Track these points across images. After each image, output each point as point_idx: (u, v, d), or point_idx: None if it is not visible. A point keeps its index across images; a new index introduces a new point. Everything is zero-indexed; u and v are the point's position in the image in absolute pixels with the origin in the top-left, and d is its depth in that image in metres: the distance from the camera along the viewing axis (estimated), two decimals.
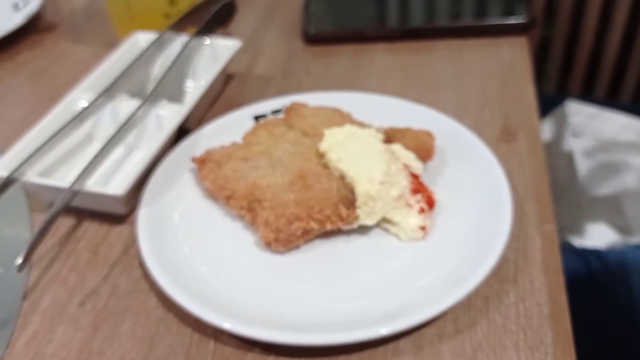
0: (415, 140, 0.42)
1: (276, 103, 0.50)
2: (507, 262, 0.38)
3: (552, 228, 0.40)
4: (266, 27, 0.66)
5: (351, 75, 0.57)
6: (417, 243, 0.39)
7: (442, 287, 0.35)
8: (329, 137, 0.41)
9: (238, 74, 0.58)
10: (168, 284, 0.36)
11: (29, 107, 0.57)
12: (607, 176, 0.74)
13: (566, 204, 0.72)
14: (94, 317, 0.38)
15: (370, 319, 0.34)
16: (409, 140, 0.42)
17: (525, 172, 0.44)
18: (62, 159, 0.46)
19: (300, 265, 0.38)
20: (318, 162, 0.41)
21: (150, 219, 0.41)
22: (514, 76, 0.54)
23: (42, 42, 0.67)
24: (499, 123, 0.49)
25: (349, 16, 0.65)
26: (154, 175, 0.44)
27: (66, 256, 0.42)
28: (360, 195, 0.38)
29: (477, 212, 0.39)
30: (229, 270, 0.38)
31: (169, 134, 0.45)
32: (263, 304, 0.36)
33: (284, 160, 0.41)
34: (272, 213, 0.38)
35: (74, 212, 0.44)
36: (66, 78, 0.60)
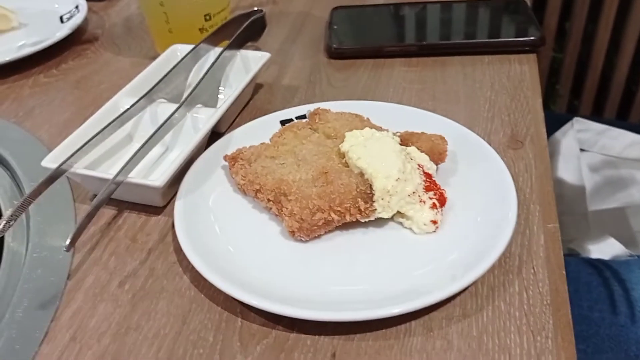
0: (429, 143, 0.46)
1: (301, 109, 0.54)
2: (512, 255, 0.41)
3: (555, 227, 0.43)
4: (293, 42, 0.71)
5: (370, 87, 0.61)
6: (429, 235, 0.42)
7: (451, 274, 0.38)
8: (350, 139, 0.45)
9: (266, 84, 0.63)
10: (201, 265, 0.40)
11: (73, 110, 0.61)
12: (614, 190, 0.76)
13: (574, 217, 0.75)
14: (132, 295, 0.41)
15: (384, 299, 0.37)
16: (423, 143, 0.46)
17: (531, 175, 0.48)
18: (104, 156, 0.51)
19: (321, 252, 0.42)
20: (339, 160, 0.45)
21: (186, 209, 0.45)
22: (522, 90, 0.58)
23: (86, 52, 0.72)
24: (507, 131, 0.53)
25: (369, 33, 0.69)
26: (189, 172, 0.48)
27: (107, 242, 0.46)
28: (378, 190, 0.41)
29: (485, 209, 0.43)
30: (257, 255, 0.42)
31: (204, 134, 0.49)
32: (287, 284, 0.39)
33: (308, 158, 0.45)
34: (296, 205, 0.42)
35: (114, 203, 0.48)
36: (107, 85, 0.65)
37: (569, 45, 1.30)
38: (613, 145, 0.82)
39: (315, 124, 0.49)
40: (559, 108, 1.33)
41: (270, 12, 0.75)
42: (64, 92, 0.65)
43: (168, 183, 0.45)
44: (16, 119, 0.61)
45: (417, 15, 0.73)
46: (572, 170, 0.81)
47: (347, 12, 0.73)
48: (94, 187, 0.49)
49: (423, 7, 0.74)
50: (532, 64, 0.62)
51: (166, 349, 0.38)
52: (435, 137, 0.46)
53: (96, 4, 0.83)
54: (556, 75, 1.37)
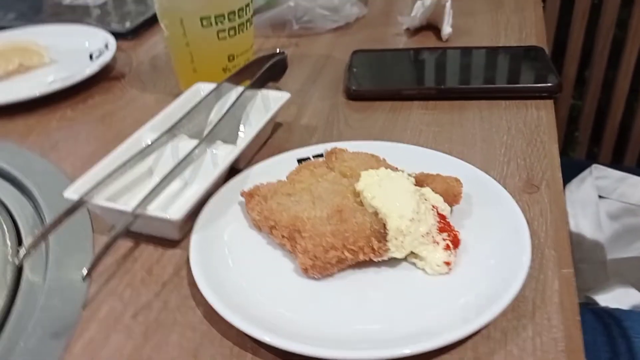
0: (444, 185, 0.46)
1: (318, 148, 0.55)
2: (526, 300, 0.41)
3: (570, 272, 0.43)
4: (312, 83, 0.72)
5: (387, 129, 0.62)
6: (442, 277, 0.42)
7: (463, 316, 0.38)
8: (365, 178, 0.46)
9: (285, 123, 0.64)
10: (214, 299, 0.40)
11: (98, 144, 0.63)
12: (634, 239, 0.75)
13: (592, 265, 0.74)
14: (145, 328, 0.42)
15: (396, 339, 0.37)
16: (438, 184, 0.46)
17: (546, 220, 0.48)
18: (125, 188, 0.52)
19: (334, 290, 0.42)
20: (354, 199, 0.45)
21: (202, 244, 0.45)
22: (539, 135, 0.58)
23: (112, 88, 0.74)
24: (523, 175, 0.53)
25: (388, 76, 0.71)
26: (206, 207, 0.49)
27: (123, 274, 0.46)
28: (392, 229, 0.42)
29: (499, 252, 0.43)
30: (270, 291, 0.42)
31: (222, 170, 0.50)
32: (299, 321, 0.39)
33: (324, 197, 0.46)
34: (310, 242, 0.42)
35: (132, 235, 0.49)
36: (132, 120, 0.66)
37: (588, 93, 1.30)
38: (632, 193, 0.82)
39: (332, 163, 0.50)
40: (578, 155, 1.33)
41: (292, 54, 0.77)
42: (89, 127, 0.67)
43: (185, 217, 0.46)
44: (42, 151, 0.62)
45: (437, 60, 0.74)
46: (590, 218, 0.80)
47: (367, 55, 0.75)
48: (113, 218, 0.50)
49: (443, 52, 0.75)
50: (549, 110, 0.62)
51: None
52: (450, 179, 0.47)
53: (125, 43, 0.86)
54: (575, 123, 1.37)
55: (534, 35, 0.80)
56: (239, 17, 0.64)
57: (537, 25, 0.83)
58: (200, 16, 0.62)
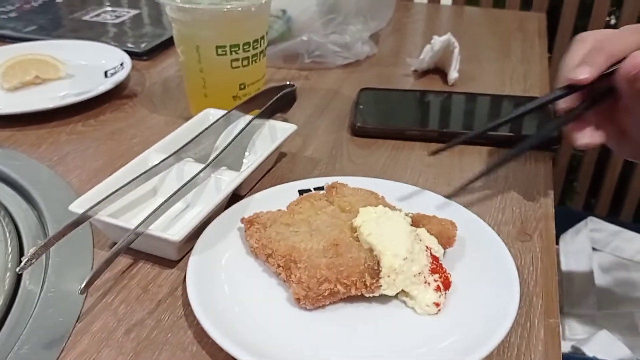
0: (439, 227, 0.47)
1: (319, 181, 0.56)
2: (511, 345, 0.42)
3: (556, 322, 0.44)
4: (319, 116, 0.74)
5: (389, 167, 0.63)
6: (430, 317, 0.43)
7: (449, 358, 0.39)
8: (363, 214, 0.47)
9: (289, 153, 0.65)
10: (205, 321, 0.41)
11: (104, 160, 0.65)
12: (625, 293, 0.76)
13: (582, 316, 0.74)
14: (136, 344, 0.42)
15: None
16: (433, 226, 0.47)
17: (537, 269, 0.49)
18: (128, 206, 0.53)
19: (325, 322, 0.43)
20: (351, 234, 0.47)
21: (199, 265, 0.46)
22: (536, 185, 0.60)
23: (124, 106, 0.76)
24: (517, 223, 0.54)
25: (393, 115, 0.73)
26: (207, 230, 0.50)
27: (119, 289, 0.47)
28: (385, 267, 0.43)
29: (488, 297, 0.44)
30: (261, 318, 0.43)
31: (225, 196, 0.52)
32: (288, 351, 0.40)
33: (322, 229, 0.47)
34: (305, 273, 0.43)
35: (131, 252, 0.50)
36: (140, 139, 0.68)
37: None
38: (626, 247, 0.83)
39: (332, 197, 0.51)
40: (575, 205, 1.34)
41: (301, 86, 0.79)
42: (98, 142, 0.68)
43: (186, 238, 0.47)
44: (50, 163, 0.64)
45: (441, 103, 0.76)
46: (583, 269, 0.81)
47: (374, 93, 0.77)
48: (115, 235, 0.51)
49: (448, 96, 0.77)
50: (547, 162, 0.64)
51: None
52: (445, 222, 0.48)
53: (139, 62, 0.88)
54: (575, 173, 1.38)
55: (538, 86, 0.83)
56: (253, 48, 0.66)
57: (541, 77, 0.85)
58: (216, 45, 0.64)
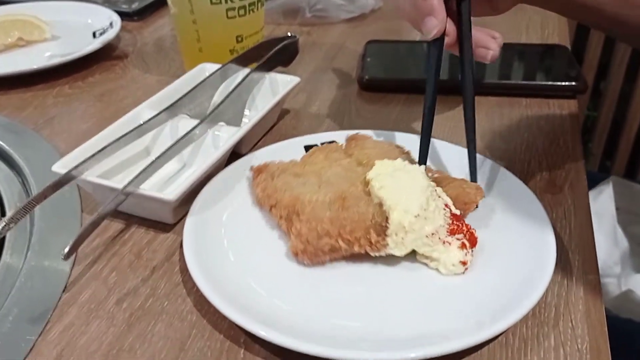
0: (458, 190, 0.42)
1: (328, 136, 0.51)
2: (547, 305, 0.37)
3: (596, 278, 0.39)
4: (323, 72, 0.69)
5: (402, 121, 0.58)
6: (457, 277, 0.39)
7: (478, 320, 0.35)
8: (379, 167, 0.42)
9: (293, 110, 0.61)
10: (205, 287, 0.36)
11: (93, 122, 0.60)
12: None
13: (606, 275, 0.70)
14: (129, 315, 0.38)
15: (401, 341, 0.33)
16: (452, 189, 0.42)
17: (570, 223, 0.44)
18: (118, 167, 0.49)
19: (338, 283, 0.39)
20: (363, 189, 0.42)
21: (197, 228, 0.42)
22: (562, 134, 0.55)
23: (114, 67, 0.71)
24: (545, 175, 0.49)
25: (403, 68, 0.68)
26: (204, 190, 0.45)
27: (110, 256, 0.43)
28: (393, 223, 0.38)
29: (521, 253, 0.39)
30: (267, 282, 0.39)
31: (223, 152, 0.47)
32: (297, 315, 0.36)
33: (332, 181, 0.43)
34: (305, 226, 0.39)
35: (123, 217, 0.46)
36: (132, 100, 0.63)
37: (604, 105, 1.27)
38: None
39: (351, 149, 0.47)
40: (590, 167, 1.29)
41: (303, 42, 0.73)
42: (87, 104, 0.63)
43: (181, 198, 0.43)
44: (35, 127, 0.59)
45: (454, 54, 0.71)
46: (606, 230, 0.76)
47: (382, 46, 0.71)
48: (104, 197, 0.46)
49: None
50: (572, 110, 0.59)
51: None
52: (469, 185, 0.43)
53: (130, 23, 0.83)
54: (589, 134, 1.33)
55: (556, 34, 0.77)
56: None
57: (559, 25, 0.79)
58: None
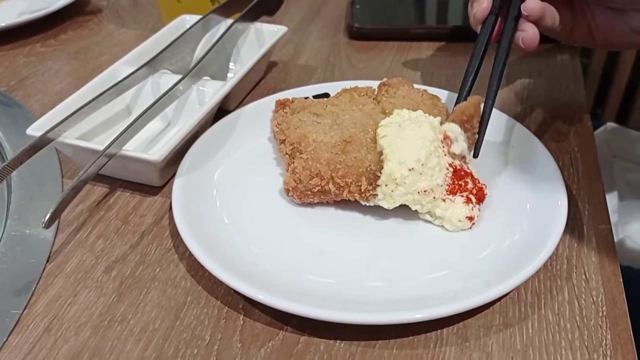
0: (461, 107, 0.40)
1: (321, 87, 0.48)
2: (559, 258, 0.36)
3: (608, 228, 0.38)
4: (311, 21, 0.65)
5: (396, 70, 0.55)
6: (464, 233, 0.37)
7: (489, 277, 0.33)
8: (395, 116, 0.40)
9: (281, 62, 0.57)
10: (199, 251, 0.34)
11: (68, 81, 0.56)
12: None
13: None
14: (119, 283, 0.36)
15: (409, 302, 0.32)
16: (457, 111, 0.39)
17: (578, 170, 0.42)
18: (99, 128, 0.46)
19: (342, 242, 0.37)
20: (372, 136, 0.40)
21: (186, 189, 0.39)
22: (564, 79, 0.52)
23: (87, 23, 0.67)
24: (549, 123, 0.47)
25: (394, 14, 0.64)
26: (192, 149, 0.42)
27: (95, 222, 0.40)
28: (384, 174, 0.36)
29: (532, 206, 0.37)
30: (265, 243, 0.36)
31: (209, 108, 0.44)
32: (298, 278, 0.34)
33: (345, 124, 0.41)
34: (302, 164, 0.38)
35: (107, 181, 0.43)
36: (109, 57, 0.59)
37: (595, 52, 1.25)
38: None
39: (380, 96, 0.44)
40: None
41: None
42: (61, 63, 0.59)
43: (167, 158, 0.40)
44: (7, 88, 0.56)
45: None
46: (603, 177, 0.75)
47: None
48: (85, 160, 0.43)
49: None
50: (573, 54, 0.56)
51: (154, 347, 0.32)
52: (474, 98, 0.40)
53: None
54: None
55: None
56: None
57: None
58: None
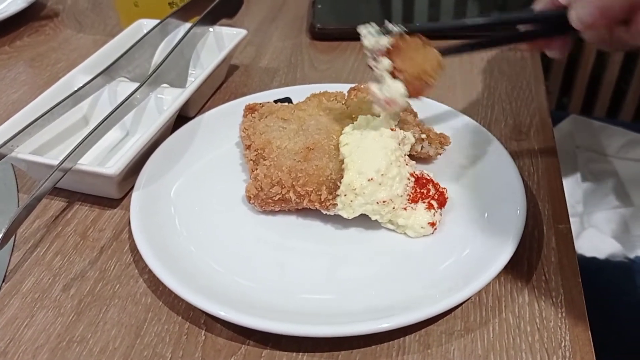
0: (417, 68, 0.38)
1: (281, 92, 0.48)
2: (521, 260, 0.36)
3: (567, 228, 0.38)
4: (272, 21, 0.65)
5: (358, 71, 0.55)
6: (426, 240, 0.37)
7: (451, 282, 0.33)
8: (358, 122, 0.40)
9: (242, 66, 0.57)
10: (158, 267, 0.33)
11: (25, 90, 0.55)
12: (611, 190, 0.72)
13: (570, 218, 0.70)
14: (77, 302, 0.35)
15: (372, 312, 0.32)
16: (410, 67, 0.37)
17: (538, 170, 0.42)
18: (55, 140, 0.44)
19: (302, 255, 0.36)
20: (336, 142, 0.39)
21: (145, 202, 0.38)
22: (525, 76, 0.53)
23: (44, 28, 0.65)
24: (510, 121, 0.47)
25: (357, 14, 0.64)
26: (151, 159, 0.42)
27: (52, 239, 0.39)
28: (344, 184, 0.36)
29: (491, 208, 0.37)
30: (225, 257, 0.36)
31: (168, 117, 0.43)
32: (260, 292, 0.33)
33: (310, 130, 0.40)
34: (264, 171, 0.38)
35: (64, 194, 0.42)
36: (66, 63, 0.58)
37: None
38: (611, 144, 0.78)
39: (349, 100, 0.44)
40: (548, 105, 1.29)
41: None
42: (16, 71, 0.58)
43: (124, 171, 0.39)
44: None
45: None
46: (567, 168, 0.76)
47: None
48: (40, 175, 0.42)
49: None
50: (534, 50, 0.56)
51: None
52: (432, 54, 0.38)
53: None
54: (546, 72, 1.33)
55: None
56: None
57: None
58: None
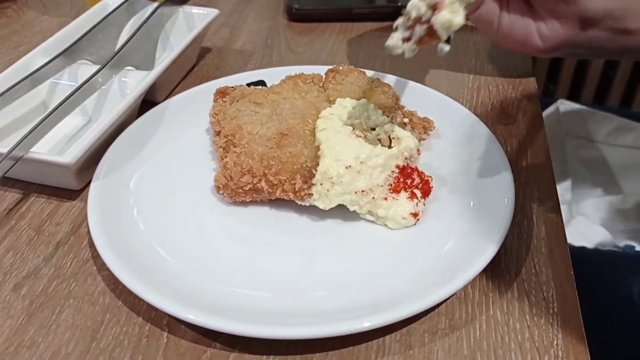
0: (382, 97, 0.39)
1: (255, 75, 0.45)
2: (508, 251, 0.34)
3: (558, 217, 0.36)
4: (248, 2, 0.62)
5: (337, 53, 0.53)
6: (408, 230, 0.34)
7: (435, 277, 0.31)
8: (338, 106, 0.37)
9: (215, 48, 0.54)
10: (117, 265, 0.31)
11: None
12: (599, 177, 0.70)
13: None
14: (29, 302, 0.32)
15: (349, 310, 0.29)
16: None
17: (526, 155, 0.40)
18: (11, 126, 0.42)
19: (272, 250, 0.34)
20: (312, 127, 0.36)
21: (104, 193, 0.36)
22: (512, 59, 0.50)
23: (5, 10, 0.62)
24: (496, 105, 0.45)
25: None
26: (112, 147, 0.39)
27: (4, 234, 0.37)
28: (319, 172, 0.33)
29: (478, 197, 0.35)
30: (189, 253, 0.33)
31: (131, 101, 0.40)
32: (227, 291, 0.31)
33: (284, 114, 0.38)
34: (234, 159, 0.35)
35: (20, 185, 0.39)
36: (28, 47, 0.55)
37: None
38: (599, 129, 0.76)
39: (327, 83, 0.41)
40: None
41: None
42: None
43: (82, 159, 0.36)
44: None
45: None
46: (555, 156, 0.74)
47: None
48: None
49: None
50: None
51: None
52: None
53: None
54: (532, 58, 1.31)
55: None
56: None
57: None
58: None
